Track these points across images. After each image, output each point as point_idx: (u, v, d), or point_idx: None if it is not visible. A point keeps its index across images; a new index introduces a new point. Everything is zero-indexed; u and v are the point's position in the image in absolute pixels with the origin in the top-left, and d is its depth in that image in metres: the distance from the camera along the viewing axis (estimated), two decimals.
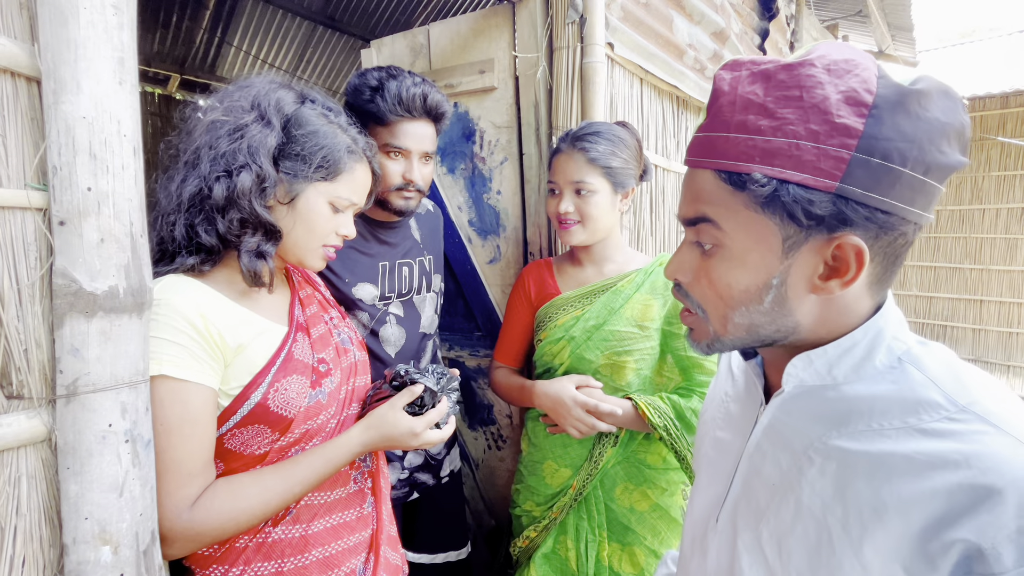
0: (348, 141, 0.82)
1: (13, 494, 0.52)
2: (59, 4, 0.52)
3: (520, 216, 1.64)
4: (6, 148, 0.51)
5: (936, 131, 0.40)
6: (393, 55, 1.85)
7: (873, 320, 0.47)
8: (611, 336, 1.14)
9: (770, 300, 0.46)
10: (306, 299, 0.93)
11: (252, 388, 0.75)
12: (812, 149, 0.40)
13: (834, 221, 0.41)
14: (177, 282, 0.71)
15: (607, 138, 1.13)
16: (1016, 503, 0.37)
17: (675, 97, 1.92)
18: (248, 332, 0.76)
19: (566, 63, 1.42)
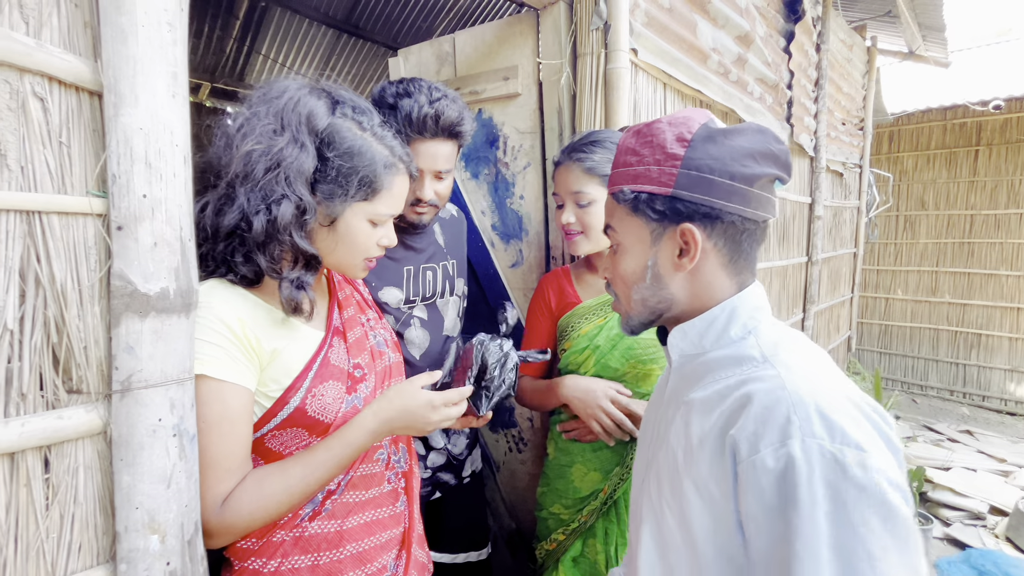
0: (385, 154, 0.80)
1: (71, 483, 0.55)
2: (120, 23, 0.55)
3: (543, 221, 1.65)
4: (71, 158, 0.54)
5: (739, 152, 0.60)
6: (420, 63, 1.89)
7: (730, 300, 0.63)
8: (635, 344, 1.14)
9: (650, 277, 0.66)
10: (344, 301, 0.94)
11: (291, 392, 0.77)
12: (656, 170, 0.62)
13: (675, 215, 0.62)
14: (218, 287, 0.74)
15: (605, 146, 1.11)
16: (758, 409, 0.53)
17: (699, 102, 1.91)
18: (285, 337, 0.78)
19: (590, 69, 1.43)
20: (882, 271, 5.64)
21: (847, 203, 3.91)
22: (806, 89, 2.82)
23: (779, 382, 0.54)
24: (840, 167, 3.58)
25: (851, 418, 0.51)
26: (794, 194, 2.85)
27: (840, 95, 3.44)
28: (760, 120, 2.27)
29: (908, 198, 5.45)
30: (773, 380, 0.55)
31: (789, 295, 2.90)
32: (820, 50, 2.96)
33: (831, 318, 3.78)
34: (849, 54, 3.58)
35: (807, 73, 2.83)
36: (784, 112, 2.57)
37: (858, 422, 0.51)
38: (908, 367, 5.55)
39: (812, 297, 3.12)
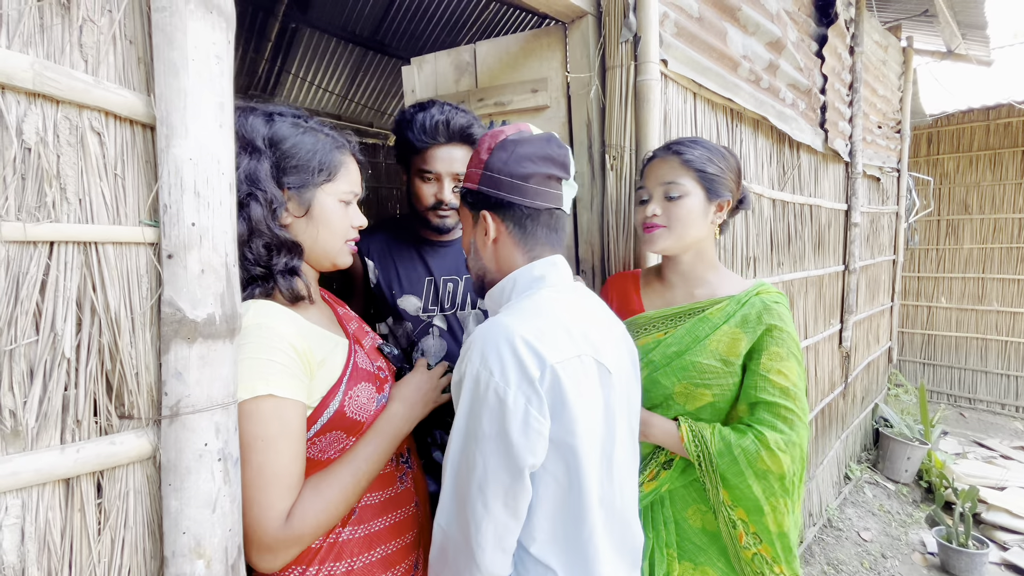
0: (329, 140, 0.85)
1: (122, 508, 0.56)
2: (172, 57, 0.57)
3: (572, 235, 1.64)
4: (125, 189, 0.56)
5: (519, 156, 0.82)
6: (436, 72, 1.89)
7: (513, 272, 0.85)
8: (691, 367, 1.07)
9: (473, 251, 0.90)
10: (344, 316, 0.99)
11: (331, 396, 0.80)
12: (473, 172, 0.86)
13: (481, 204, 0.85)
14: (271, 308, 0.76)
15: (705, 146, 1.10)
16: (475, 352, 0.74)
17: (729, 110, 1.87)
18: (327, 346, 0.82)
19: (620, 82, 1.42)
20: (924, 278, 5.41)
21: (885, 209, 3.77)
22: (840, 93, 2.74)
23: (479, 331, 0.77)
24: (877, 172, 3.46)
25: (497, 353, 0.72)
26: (829, 201, 2.76)
27: (875, 98, 3.33)
28: (793, 126, 2.21)
29: (950, 202, 5.22)
30: (479, 329, 0.77)
31: (825, 305, 2.80)
32: (854, 53, 2.88)
33: (870, 328, 3.63)
34: (884, 55, 3.47)
35: (841, 77, 2.75)
36: (817, 117, 2.50)
37: (501, 355, 0.72)
38: (954, 379, 5.27)
39: (850, 307, 3.01)
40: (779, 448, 0.97)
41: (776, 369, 1.01)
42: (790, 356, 1.02)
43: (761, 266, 2.12)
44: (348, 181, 0.87)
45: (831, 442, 3.02)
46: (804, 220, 2.50)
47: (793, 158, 2.36)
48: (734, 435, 1.02)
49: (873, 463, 3.62)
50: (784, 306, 1.06)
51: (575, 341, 0.78)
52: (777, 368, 1.01)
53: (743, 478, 0.99)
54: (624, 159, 1.44)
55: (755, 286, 1.11)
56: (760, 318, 1.04)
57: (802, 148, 2.42)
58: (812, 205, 2.56)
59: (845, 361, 3.10)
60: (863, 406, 3.63)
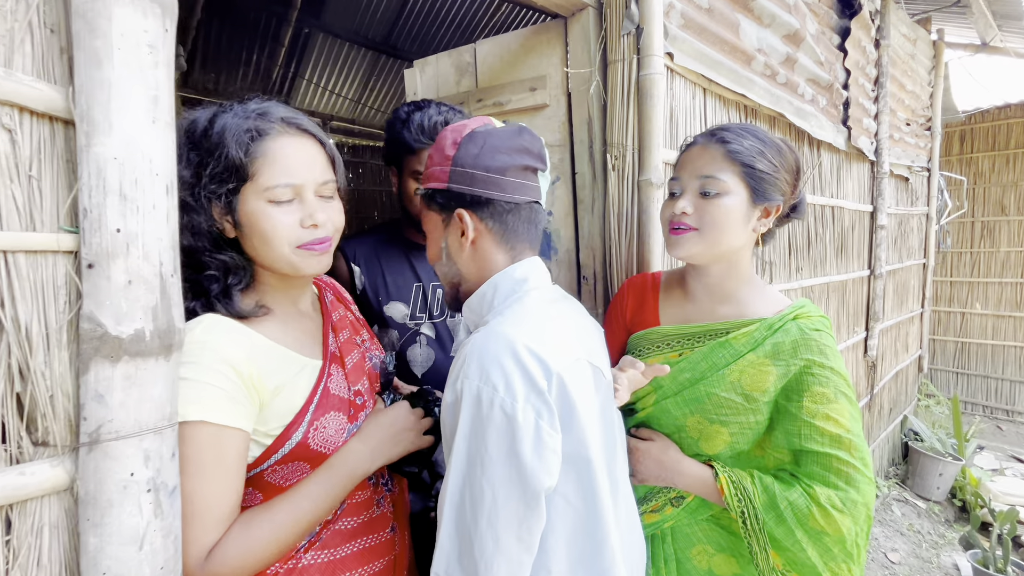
0: (247, 124, 0.71)
1: (35, 545, 0.50)
2: (94, 46, 0.51)
3: (573, 238, 1.56)
4: (41, 192, 0.51)
5: (491, 148, 0.75)
6: (438, 74, 1.84)
7: (493, 277, 0.78)
8: (706, 399, 0.92)
9: (446, 257, 0.81)
10: (339, 322, 0.90)
11: (293, 428, 0.73)
12: (439, 170, 0.77)
13: (454, 204, 0.77)
14: (220, 324, 0.70)
15: (757, 135, 0.91)
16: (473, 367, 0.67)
17: (742, 106, 1.77)
18: (287, 372, 0.75)
19: (621, 77, 1.34)
20: (957, 283, 5.14)
21: (914, 210, 3.58)
22: (864, 89, 2.60)
23: (473, 343, 0.69)
24: (905, 171, 3.28)
25: (499, 365, 0.65)
26: (852, 202, 2.62)
27: (903, 93, 3.16)
28: (812, 123, 2.09)
29: (985, 203, 4.95)
30: (472, 342, 0.70)
31: (849, 312, 2.65)
32: (879, 46, 2.73)
33: (898, 336, 3.44)
34: (912, 49, 3.30)
35: (865, 71, 2.61)
36: (840, 114, 2.37)
37: (504, 368, 0.65)
38: (991, 389, 4.99)
39: (876, 314, 2.85)
40: (834, 507, 0.82)
41: (823, 414, 0.84)
42: (839, 396, 0.85)
43: (778, 272, 2.00)
44: (272, 173, 0.71)
45: None
46: (825, 222, 2.37)
47: (813, 157, 2.23)
48: (778, 485, 0.87)
49: (902, 479, 3.42)
50: (827, 333, 0.89)
51: (572, 345, 0.73)
52: (824, 413, 0.84)
53: (793, 538, 0.84)
54: (626, 158, 1.36)
55: (792, 308, 0.92)
56: (796, 350, 0.87)
57: (823, 146, 2.29)
58: (834, 206, 2.43)
59: (871, 371, 2.94)
60: (891, 418, 3.45)
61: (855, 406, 0.87)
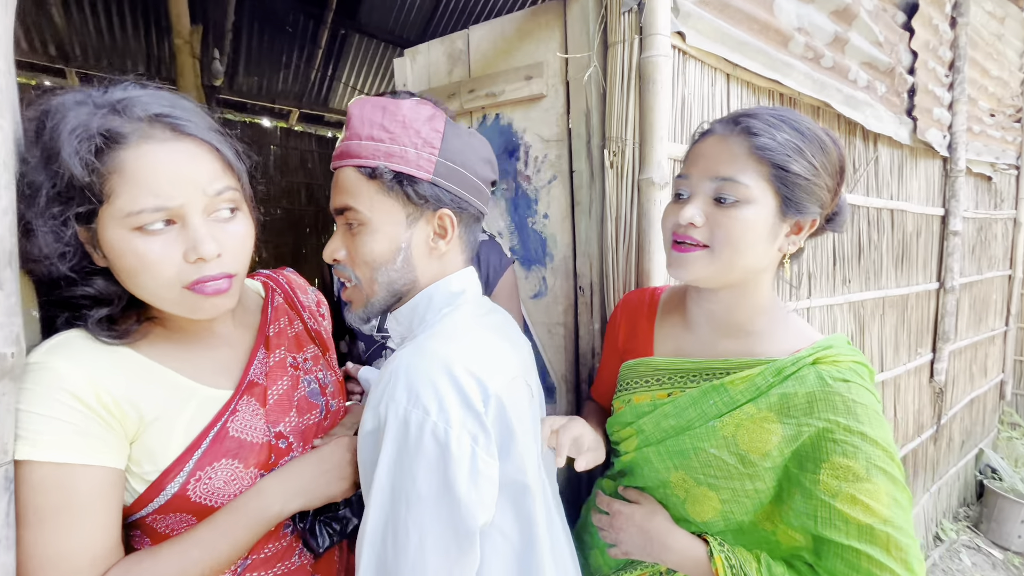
0: (97, 125, 0.53)
1: None
2: None
3: (570, 244, 1.40)
4: None
5: (476, 154, 0.70)
6: (429, 63, 1.71)
7: (426, 289, 0.71)
8: (692, 454, 0.75)
9: (401, 260, 0.68)
10: (275, 337, 0.77)
11: (167, 477, 0.61)
12: (414, 153, 0.65)
13: (436, 201, 0.67)
14: (70, 341, 0.59)
15: (795, 126, 0.69)
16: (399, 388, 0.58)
17: (777, 94, 1.54)
18: (169, 403, 0.63)
19: (621, 60, 1.17)
20: None
21: (999, 214, 3.11)
22: (936, 74, 2.25)
23: (399, 361, 0.60)
24: (988, 169, 2.85)
25: (431, 385, 0.57)
26: (918, 204, 2.28)
27: (987, 80, 2.74)
28: (867, 113, 1.81)
29: None
30: (398, 359, 0.61)
31: (910, 331, 2.31)
32: (956, 25, 2.37)
33: (975, 358, 3.00)
34: (999, 28, 2.86)
35: (937, 54, 2.26)
36: (903, 103, 2.06)
37: (437, 388, 0.57)
38: None
39: (945, 333, 2.48)
40: None
41: (848, 495, 0.64)
42: (874, 473, 0.64)
43: (819, 285, 1.74)
44: (134, 194, 0.54)
45: (916, 496, 2.50)
46: (882, 227, 2.06)
47: (868, 152, 1.94)
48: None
49: (974, 523, 2.99)
50: (859, 386, 0.68)
51: (508, 362, 0.68)
52: (849, 494, 0.64)
53: None
54: (626, 154, 1.19)
55: (812, 349, 0.71)
56: (812, 407, 0.67)
57: (880, 140, 1.99)
58: (894, 209, 2.11)
59: (937, 398, 2.56)
60: (962, 452, 3.01)
61: (900, 487, 0.65)
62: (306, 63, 4.88)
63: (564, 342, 1.43)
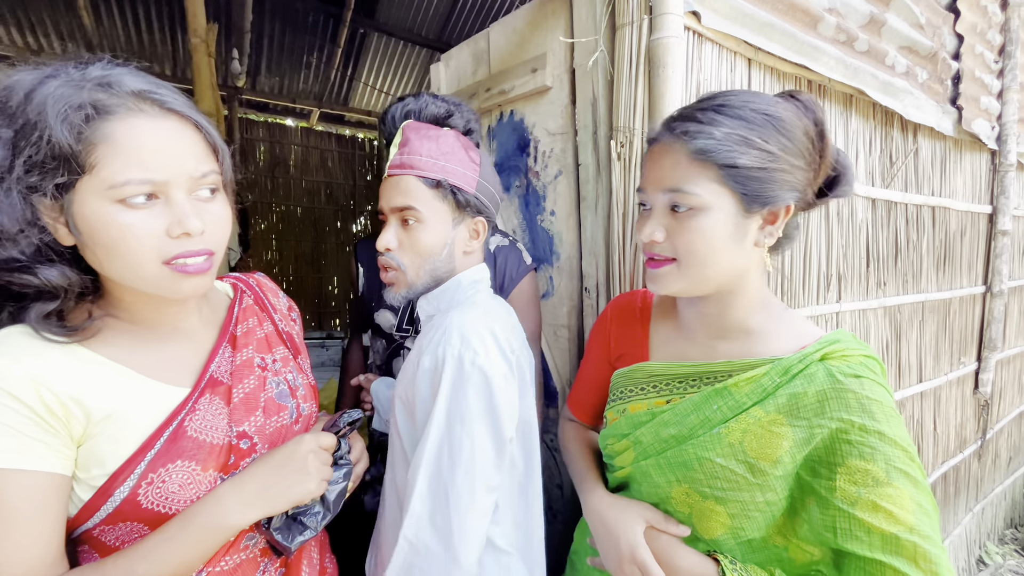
0: (84, 98, 0.53)
1: None
2: None
3: (575, 242, 1.32)
4: None
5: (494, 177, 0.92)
6: (459, 66, 1.70)
7: (456, 276, 0.89)
8: (696, 464, 0.69)
9: (446, 253, 0.87)
10: (243, 337, 0.73)
11: (116, 481, 0.57)
12: (462, 172, 0.85)
13: (474, 210, 0.87)
14: (9, 337, 0.56)
15: (736, 114, 0.63)
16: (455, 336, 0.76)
17: (804, 81, 1.42)
18: (120, 399, 0.59)
19: (629, 43, 1.08)
20: None
21: None
22: (984, 60, 2.07)
23: (450, 323, 0.79)
24: None
25: (478, 335, 0.76)
26: (962, 201, 2.11)
27: None
28: (906, 102, 1.67)
29: None
30: (449, 323, 0.79)
31: (952, 338, 2.14)
32: (1007, 6, 2.18)
33: None
34: None
35: (986, 38, 2.08)
36: (947, 91, 1.89)
37: (482, 338, 0.76)
38: None
39: (992, 341, 2.29)
40: None
41: (868, 502, 0.59)
42: (895, 476, 0.59)
43: (850, 287, 1.61)
44: (119, 165, 0.53)
45: (957, 516, 2.32)
46: (922, 226, 1.90)
47: (906, 145, 1.79)
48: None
49: (1022, 546, 2.76)
50: (872, 381, 0.63)
51: (520, 334, 0.89)
52: (870, 501, 0.59)
53: None
54: (634, 145, 1.10)
55: (819, 344, 0.66)
56: (824, 406, 0.63)
57: (921, 131, 1.84)
58: (935, 206, 1.95)
59: (982, 411, 2.37)
60: (1010, 470, 2.79)
61: (923, 491, 0.60)
62: (326, 62, 4.91)
63: (568, 345, 1.35)
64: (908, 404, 1.89)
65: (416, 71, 5.31)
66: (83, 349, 0.59)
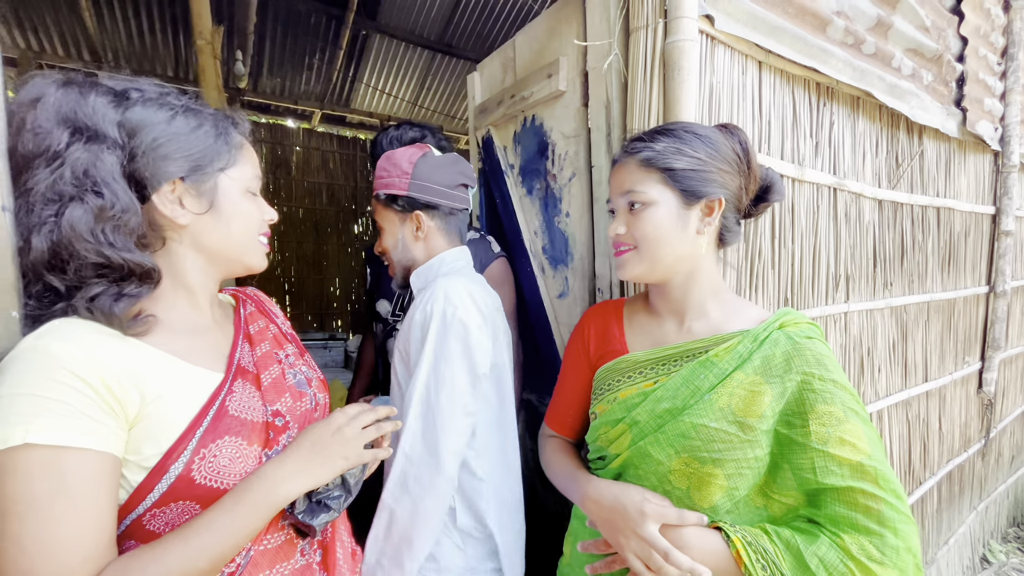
0: (218, 118, 0.72)
1: None
2: None
3: (588, 243, 1.33)
4: None
5: (440, 168, 1.08)
6: (491, 74, 1.76)
7: (439, 255, 1.10)
8: (692, 432, 0.77)
9: (401, 246, 1.12)
10: (257, 335, 0.78)
11: (171, 458, 0.59)
12: (398, 180, 1.07)
13: (410, 207, 1.08)
14: (64, 325, 0.58)
15: (674, 135, 0.83)
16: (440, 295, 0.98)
17: (812, 84, 1.44)
18: (169, 380, 0.61)
19: (644, 47, 1.09)
20: None
21: None
22: (987, 62, 2.09)
23: (437, 286, 1.00)
24: None
25: (458, 294, 0.97)
26: (966, 202, 2.12)
27: None
28: (912, 104, 1.69)
29: None
30: (435, 286, 1.00)
31: (957, 338, 2.15)
32: (1010, 8, 2.20)
33: None
34: None
35: (989, 40, 2.10)
36: (951, 93, 1.91)
37: (462, 297, 0.97)
38: None
39: (995, 340, 2.30)
40: (871, 558, 0.66)
41: (836, 438, 0.71)
42: (850, 415, 0.72)
43: (858, 288, 1.63)
44: (252, 165, 0.75)
45: (962, 515, 2.34)
46: (927, 227, 1.92)
47: (911, 146, 1.81)
48: (800, 539, 0.70)
49: None
50: (820, 342, 0.79)
51: (492, 300, 1.07)
52: (838, 436, 0.71)
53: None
54: None
55: (776, 316, 0.81)
56: (789, 363, 0.76)
57: (926, 132, 1.86)
58: (940, 207, 1.97)
59: (986, 410, 2.39)
60: (1013, 468, 2.81)
61: (871, 426, 0.74)
62: (328, 64, 4.91)
63: None
64: (915, 403, 1.91)
65: (417, 72, 5.32)
66: (130, 338, 0.61)
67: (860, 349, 1.65)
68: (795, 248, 1.41)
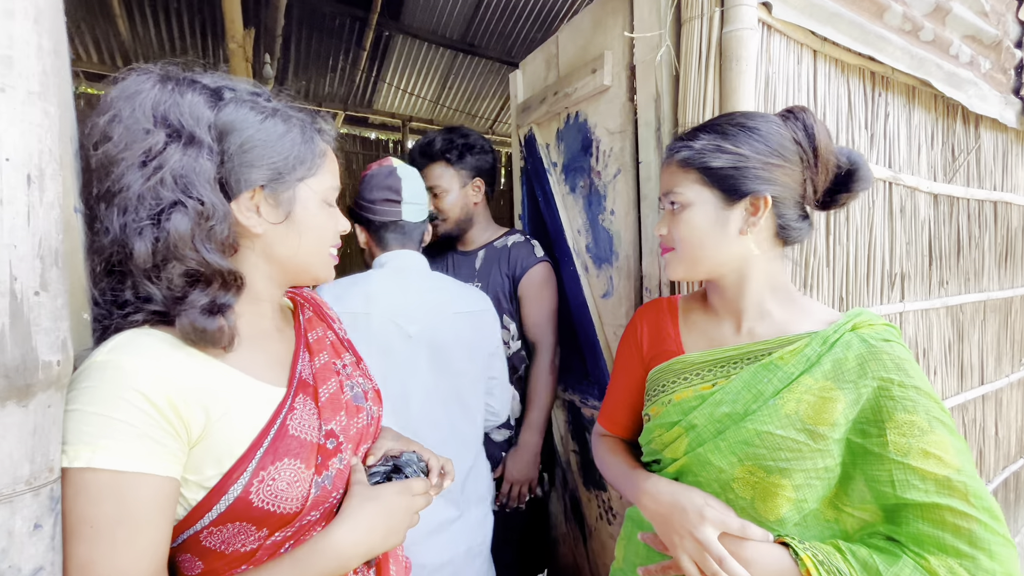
0: (305, 123, 0.68)
1: None
2: None
3: (634, 241, 1.29)
4: None
5: (368, 187, 1.21)
6: (534, 72, 1.74)
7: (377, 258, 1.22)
8: (756, 440, 0.71)
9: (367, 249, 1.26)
10: (316, 344, 0.75)
11: (230, 479, 0.58)
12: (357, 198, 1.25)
13: (357, 220, 1.23)
14: (136, 339, 0.56)
15: (717, 131, 0.78)
16: None
17: (868, 73, 1.37)
18: (231, 397, 0.60)
19: (698, 37, 1.05)
20: None
21: None
22: None
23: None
24: None
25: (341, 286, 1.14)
26: (1022, 195, 2.02)
27: None
28: (970, 93, 1.61)
29: None
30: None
31: (1014, 339, 2.05)
32: None
33: None
34: None
35: None
36: (1010, 82, 1.82)
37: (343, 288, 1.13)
38: None
39: None
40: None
41: (919, 450, 0.65)
42: (935, 425, 0.66)
43: (912, 286, 1.55)
44: (332, 175, 0.72)
45: (1018, 522, 2.23)
46: (984, 222, 1.83)
47: (968, 138, 1.73)
48: (879, 559, 0.64)
49: None
50: (899, 344, 0.73)
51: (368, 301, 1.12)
52: (921, 448, 0.65)
53: None
54: None
55: (847, 317, 0.75)
56: (864, 368, 0.70)
57: (983, 123, 1.77)
58: (998, 202, 1.88)
59: None
60: None
61: (959, 438, 0.68)
62: (351, 65, 4.95)
63: None
64: (970, 407, 1.82)
65: (440, 72, 5.33)
66: (196, 351, 0.59)
67: (915, 350, 1.57)
68: (850, 245, 1.35)
